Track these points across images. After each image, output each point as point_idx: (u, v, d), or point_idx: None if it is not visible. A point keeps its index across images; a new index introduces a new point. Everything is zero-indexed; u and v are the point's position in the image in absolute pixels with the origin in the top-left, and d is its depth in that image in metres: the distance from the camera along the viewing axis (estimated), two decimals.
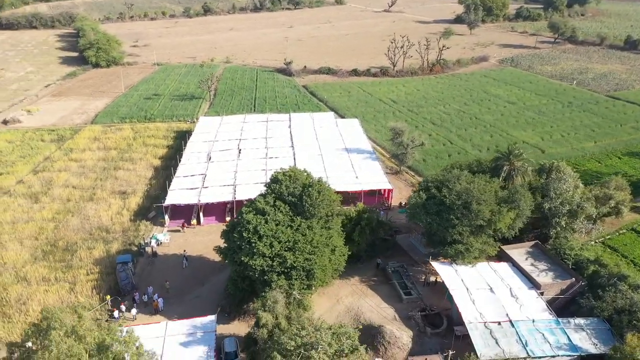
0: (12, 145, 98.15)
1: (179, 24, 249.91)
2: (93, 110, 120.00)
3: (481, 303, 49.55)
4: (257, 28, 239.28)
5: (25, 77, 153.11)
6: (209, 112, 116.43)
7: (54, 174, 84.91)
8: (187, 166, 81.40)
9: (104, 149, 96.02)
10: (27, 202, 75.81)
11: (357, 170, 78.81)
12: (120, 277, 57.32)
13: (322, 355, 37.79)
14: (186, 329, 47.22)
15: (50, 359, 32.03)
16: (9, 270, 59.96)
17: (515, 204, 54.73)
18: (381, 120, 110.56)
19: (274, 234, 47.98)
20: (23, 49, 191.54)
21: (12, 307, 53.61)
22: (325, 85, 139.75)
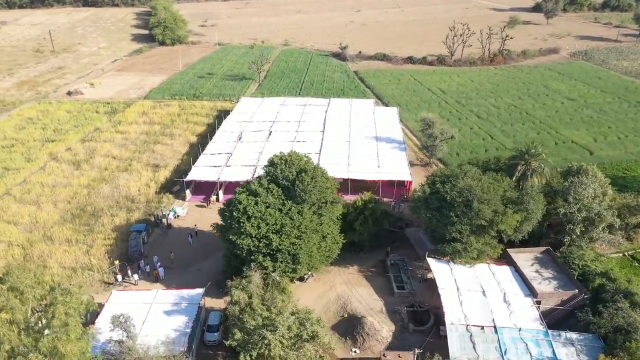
0: (69, 115, 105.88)
1: (249, 5, 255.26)
2: (149, 86, 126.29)
3: (469, 305, 47.66)
4: (324, 11, 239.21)
5: (97, 52, 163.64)
6: (255, 93, 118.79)
7: (98, 144, 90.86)
8: (217, 144, 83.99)
9: (149, 123, 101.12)
10: (69, 168, 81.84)
11: (380, 160, 77.57)
12: (130, 244, 60.79)
13: (279, 337, 38.30)
14: (173, 299, 49.43)
15: None
16: (39, 228, 65.36)
17: (523, 206, 51.77)
18: (424, 110, 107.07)
19: (262, 216, 48.75)
20: (101, 26, 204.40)
21: (34, 263, 58.53)
22: (376, 71, 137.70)
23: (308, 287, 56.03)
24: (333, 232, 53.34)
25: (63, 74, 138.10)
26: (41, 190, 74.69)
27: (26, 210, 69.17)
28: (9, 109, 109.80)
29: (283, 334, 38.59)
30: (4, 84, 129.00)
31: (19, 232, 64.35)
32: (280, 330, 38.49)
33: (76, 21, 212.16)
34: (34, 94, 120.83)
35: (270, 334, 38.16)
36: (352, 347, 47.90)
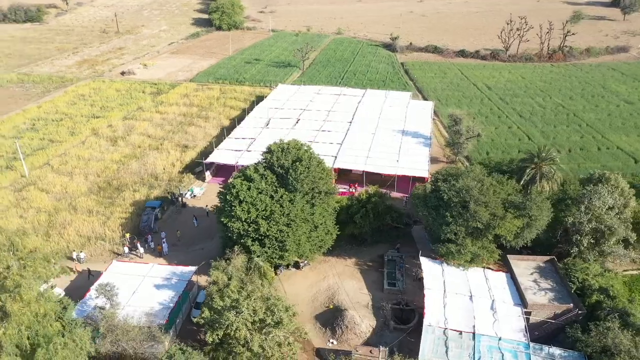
0: (118, 93, 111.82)
1: None
2: (197, 69, 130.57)
3: (452, 308, 46.32)
4: (385, 0, 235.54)
5: (157, 35, 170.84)
6: (296, 81, 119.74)
7: (138, 122, 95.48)
8: (243, 129, 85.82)
9: (188, 105, 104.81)
10: (106, 144, 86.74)
11: (401, 154, 76.18)
12: (142, 219, 63.88)
13: (243, 320, 39.17)
14: (166, 274, 51.62)
15: None
16: (67, 198, 70.04)
17: (525, 211, 49.33)
18: (464, 105, 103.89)
19: (252, 201, 49.63)
20: (167, 9, 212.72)
21: (55, 229, 62.97)
22: (424, 64, 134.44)
23: (302, 275, 56.58)
24: (326, 223, 53.37)
25: (122, 54, 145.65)
26: (77, 162, 79.78)
27: (59, 180, 74.23)
28: (66, 85, 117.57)
29: (247, 318, 39.39)
30: (68, 61, 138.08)
31: (48, 200, 69.30)
32: (245, 314, 39.31)
33: (145, 4, 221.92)
34: (91, 72, 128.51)
35: (233, 316, 39.12)
36: (331, 338, 48.06)
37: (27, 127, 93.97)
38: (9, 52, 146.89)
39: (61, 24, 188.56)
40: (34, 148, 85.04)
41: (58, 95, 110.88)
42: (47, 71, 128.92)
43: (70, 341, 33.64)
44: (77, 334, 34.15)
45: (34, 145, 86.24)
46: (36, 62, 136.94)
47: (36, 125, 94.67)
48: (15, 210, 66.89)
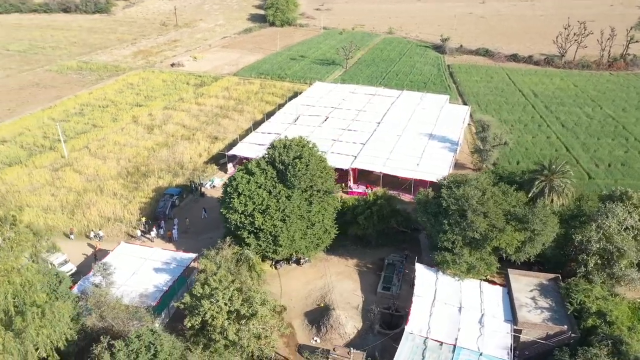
0: (164, 84, 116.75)
1: None
2: (243, 63, 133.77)
3: (438, 318, 45.17)
4: (445, 1, 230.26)
5: (212, 29, 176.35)
6: (336, 79, 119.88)
7: (176, 112, 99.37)
8: (271, 124, 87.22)
9: (227, 98, 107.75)
10: (143, 131, 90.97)
11: (423, 158, 74.73)
12: (159, 204, 66.67)
13: (216, 307, 40.23)
14: (166, 258, 53.66)
15: None
16: (97, 180, 74.23)
17: (528, 225, 47.24)
18: (504, 112, 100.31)
19: (250, 194, 50.64)
20: (226, 4, 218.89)
21: (79, 208, 67.01)
22: (471, 67, 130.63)
23: (302, 271, 57.02)
24: (324, 222, 53.46)
25: (175, 46, 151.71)
26: (112, 147, 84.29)
27: (93, 163, 78.80)
28: (119, 74, 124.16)
29: (221, 307, 40.41)
30: (125, 51, 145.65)
31: (80, 181, 73.76)
32: (220, 302, 40.35)
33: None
34: (144, 62, 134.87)
35: (208, 304, 40.27)
36: (315, 336, 48.26)
37: (76, 112, 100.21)
38: (75, 41, 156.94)
39: (127, 15, 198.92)
40: (77, 131, 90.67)
41: (109, 83, 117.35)
42: (105, 60, 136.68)
43: (49, 312, 35.96)
44: (56, 306, 36.40)
45: (78, 128, 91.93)
46: (96, 51, 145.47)
47: (84, 110, 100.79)
48: (49, 188, 71.77)
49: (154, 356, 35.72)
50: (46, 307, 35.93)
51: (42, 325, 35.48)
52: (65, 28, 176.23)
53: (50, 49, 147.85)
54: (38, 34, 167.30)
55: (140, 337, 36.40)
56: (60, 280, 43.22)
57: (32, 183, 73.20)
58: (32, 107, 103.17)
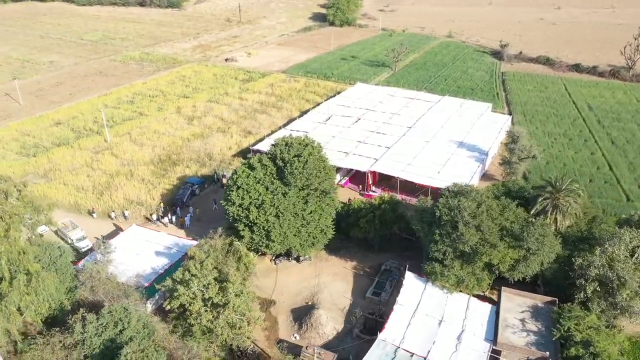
0: (214, 77, 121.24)
1: None
2: (294, 61, 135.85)
3: (415, 329, 44.30)
4: (517, 5, 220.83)
5: (273, 26, 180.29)
6: (381, 81, 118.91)
7: (217, 105, 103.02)
8: (302, 122, 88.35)
9: (269, 94, 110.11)
10: (183, 122, 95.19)
11: (447, 166, 72.84)
12: (178, 192, 69.76)
13: (190, 293, 41.90)
14: (169, 243, 56.25)
15: None
16: (130, 165, 78.75)
17: (523, 243, 45.15)
18: (550, 124, 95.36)
19: (247, 188, 51.98)
20: (292, 3, 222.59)
21: (108, 189, 71.49)
22: (527, 75, 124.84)
23: (299, 269, 57.75)
24: (320, 221, 53.72)
25: (233, 42, 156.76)
26: (151, 135, 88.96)
27: (131, 149, 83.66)
28: (174, 66, 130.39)
29: (195, 294, 42.03)
30: (186, 45, 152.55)
31: (115, 164, 78.63)
32: (193, 289, 41.99)
33: None
34: (201, 56, 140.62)
35: (182, 288, 42.03)
36: (296, 333, 48.84)
37: (127, 100, 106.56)
38: (143, 33, 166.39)
39: (196, 11, 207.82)
40: (124, 118, 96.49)
41: (164, 74, 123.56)
42: (165, 52, 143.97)
43: (35, 280, 39.15)
44: (42, 276, 39.52)
45: (125, 115, 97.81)
46: (160, 43, 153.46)
47: (135, 99, 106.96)
48: (86, 169, 77.13)
49: (120, 332, 37.86)
50: (33, 276, 39.09)
51: (27, 292, 38.70)
52: (138, 21, 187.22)
53: (119, 40, 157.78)
54: (112, 25, 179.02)
55: (111, 312, 38.71)
56: (60, 254, 46.74)
57: (73, 163, 78.96)
58: (91, 93, 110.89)
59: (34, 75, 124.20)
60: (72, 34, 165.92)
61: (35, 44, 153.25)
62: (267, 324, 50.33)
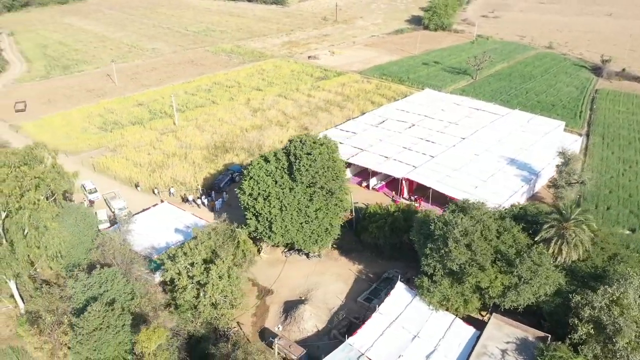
0: (291, 73, 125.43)
1: (552, 1, 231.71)
2: (374, 62, 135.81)
3: (387, 340, 43.59)
4: None
5: (366, 27, 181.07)
6: (457, 89, 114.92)
7: (284, 100, 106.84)
8: (355, 123, 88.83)
9: (338, 93, 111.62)
10: (248, 113, 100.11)
11: (488, 182, 69.37)
12: (217, 177, 74.13)
13: (176, 268, 45.21)
14: (190, 222, 60.33)
15: None
16: (187, 148, 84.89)
17: (514, 269, 42.50)
18: (631, 150, 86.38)
19: (257, 180, 54.27)
20: (393, 4, 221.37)
21: (160, 168, 77.80)
22: (623, 95, 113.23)
23: (306, 264, 59.06)
24: (324, 220, 54.37)
25: (322, 40, 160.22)
26: (215, 122, 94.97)
27: (192, 133, 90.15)
28: (259, 60, 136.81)
29: (180, 270, 45.26)
30: (276, 40, 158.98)
31: (174, 146, 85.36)
32: (179, 265, 45.25)
33: None
34: (287, 52, 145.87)
35: (170, 263, 45.48)
36: (280, 324, 50.26)
37: (206, 88, 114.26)
38: (241, 27, 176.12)
39: (298, 8, 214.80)
40: (197, 105, 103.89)
41: (247, 67, 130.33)
42: (255, 46, 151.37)
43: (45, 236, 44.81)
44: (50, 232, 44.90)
45: (199, 102, 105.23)
46: (253, 37, 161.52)
47: (212, 88, 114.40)
48: (148, 148, 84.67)
49: (104, 293, 42.03)
50: (45, 233, 44.79)
51: (38, 246, 44.45)
52: (241, 15, 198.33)
53: (218, 32, 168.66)
54: (217, 18, 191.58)
55: (100, 274, 43.12)
56: (84, 218, 52.66)
57: (140, 141, 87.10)
58: (177, 79, 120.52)
59: (135, 59, 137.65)
60: (180, 25, 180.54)
61: (146, 32, 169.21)
62: (258, 311, 52.37)
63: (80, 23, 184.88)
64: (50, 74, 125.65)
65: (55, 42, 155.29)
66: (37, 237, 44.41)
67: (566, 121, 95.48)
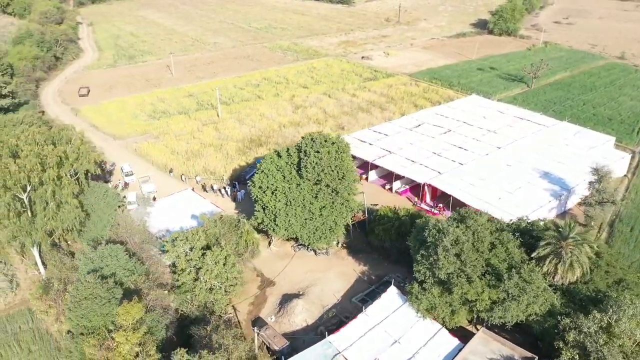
0: (341, 72, 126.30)
1: (638, 9, 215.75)
2: (427, 66, 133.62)
3: (366, 342, 43.73)
4: None
5: (428, 29, 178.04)
6: (508, 97, 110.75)
7: (327, 98, 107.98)
8: (391, 125, 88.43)
9: (382, 95, 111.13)
10: (289, 109, 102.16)
11: (513, 195, 66.96)
12: (245, 169, 76.61)
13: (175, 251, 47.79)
14: (207, 211, 62.63)
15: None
16: (224, 139, 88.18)
17: (501, 284, 41.26)
18: None
19: (267, 173, 55.87)
20: (462, 7, 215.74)
21: (195, 157, 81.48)
22: None
23: (313, 260, 60.04)
24: (328, 218, 54.95)
25: (379, 41, 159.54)
26: (255, 116, 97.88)
27: (232, 125, 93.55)
28: (312, 58, 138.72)
29: (178, 252, 47.79)
30: (333, 40, 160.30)
31: (212, 137, 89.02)
32: (177, 248, 47.78)
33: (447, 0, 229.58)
34: (341, 51, 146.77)
35: (170, 245, 48.15)
36: (273, 315, 51.59)
37: (255, 84, 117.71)
38: (302, 25, 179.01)
39: (363, 8, 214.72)
40: (243, 98, 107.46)
41: (299, 64, 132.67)
42: (311, 44, 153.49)
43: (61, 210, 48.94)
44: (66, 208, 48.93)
45: (245, 96, 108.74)
46: (312, 36, 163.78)
47: (261, 83, 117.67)
48: (188, 137, 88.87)
49: (104, 267, 45.27)
50: (62, 207, 48.91)
51: (54, 219, 48.63)
52: (304, 13, 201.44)
53: (279, 30, 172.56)
54: (280, 16, 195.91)
55: (103, 250, 46.45)
56: (105, 197, 56.70)
57: (182, 130, 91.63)
58: (230, 73, 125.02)
59: (195, 52, 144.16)
60: (244, 21, 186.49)
61: (211, 27, 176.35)
62: (256, 301, 54.03)
63: (154, 16, 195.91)
64: (117, 63, 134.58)
65: (127, 33, 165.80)
66: (55, 211, 48.58)
67: (621, 137, 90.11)
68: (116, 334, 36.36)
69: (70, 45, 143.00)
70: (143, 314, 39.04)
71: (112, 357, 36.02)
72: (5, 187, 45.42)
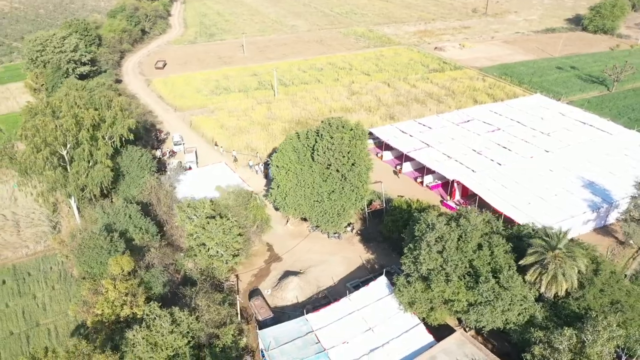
0: (409, 61, 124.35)
1: None
2: (502, 60, 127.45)
3: (341, 325, 44.76)
4: None
5: (516, 22, 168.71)
6: (580, 100, 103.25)
7: (385, 87, 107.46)
8: (438, 118, 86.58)
9: (444, 87, 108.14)
10: (344, 95, 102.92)
11: (545, 201, 63.41)
12: None
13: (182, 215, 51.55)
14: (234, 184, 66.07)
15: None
16: (274, 118, 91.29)
17: (477, 286, 40.40)
18: None
19: (284, 153, 57.95)
20: (560, 2, 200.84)
21: (241, 132, 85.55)
22: None
23: (322, 242, 61.71)
24: (335, 202, 55.92)
25: (459, 32, 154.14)
26: (309, 100, 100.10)
27: (284, 106, 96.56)
28: (383, 46, 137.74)
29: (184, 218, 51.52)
30: (410, 28, 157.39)
31: (262, 115, 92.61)
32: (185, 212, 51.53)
33: None
34: (415, 40, 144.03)
35: (177, 209, 52.01)
36: (271, 288, 54.04)
37: (318, 67, 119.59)
38: (383, 12, 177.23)
39: None
40: (302, 81, 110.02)
41: (368, 51, 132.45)
42: (386, 32, 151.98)
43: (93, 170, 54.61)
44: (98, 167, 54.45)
45: (305, 79, 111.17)
46: (389, 23, 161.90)
47: (325, 67, 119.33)
48: (241, 114, 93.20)
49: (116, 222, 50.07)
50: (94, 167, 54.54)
51: (86, 176, 54.38)
52: (389, 0, 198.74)
53: (359, 16, 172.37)
54: (363, 2, 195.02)
55: (119, 208, 51.32)
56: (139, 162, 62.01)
57: (236, 107, 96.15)
58: (298, 56, 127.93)
59: (272, 34, 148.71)
60: (327, 5, 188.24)
61: (293, 10, 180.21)
62: (259, 273, 56.82)
63: None
64: (197, 40, 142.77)
65: (214, 12, 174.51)
66: (86, 168, 54.31)
67: None
68: (105, 280, 40.61)
69: (159, 20, 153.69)
70: (133, 266, 43.07)
71: (101, 301, 40.34)
72: (45, 142, 51.65)
